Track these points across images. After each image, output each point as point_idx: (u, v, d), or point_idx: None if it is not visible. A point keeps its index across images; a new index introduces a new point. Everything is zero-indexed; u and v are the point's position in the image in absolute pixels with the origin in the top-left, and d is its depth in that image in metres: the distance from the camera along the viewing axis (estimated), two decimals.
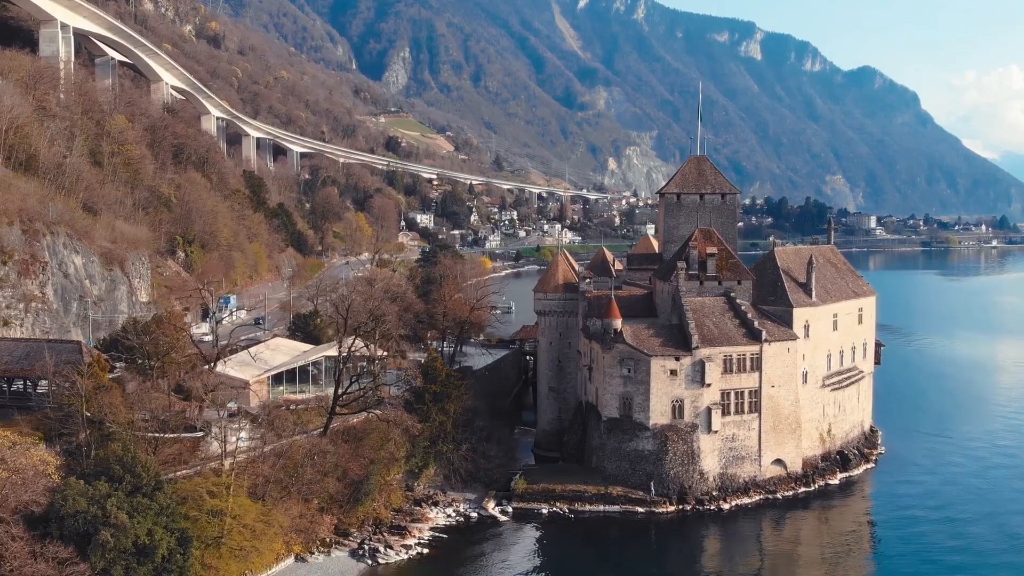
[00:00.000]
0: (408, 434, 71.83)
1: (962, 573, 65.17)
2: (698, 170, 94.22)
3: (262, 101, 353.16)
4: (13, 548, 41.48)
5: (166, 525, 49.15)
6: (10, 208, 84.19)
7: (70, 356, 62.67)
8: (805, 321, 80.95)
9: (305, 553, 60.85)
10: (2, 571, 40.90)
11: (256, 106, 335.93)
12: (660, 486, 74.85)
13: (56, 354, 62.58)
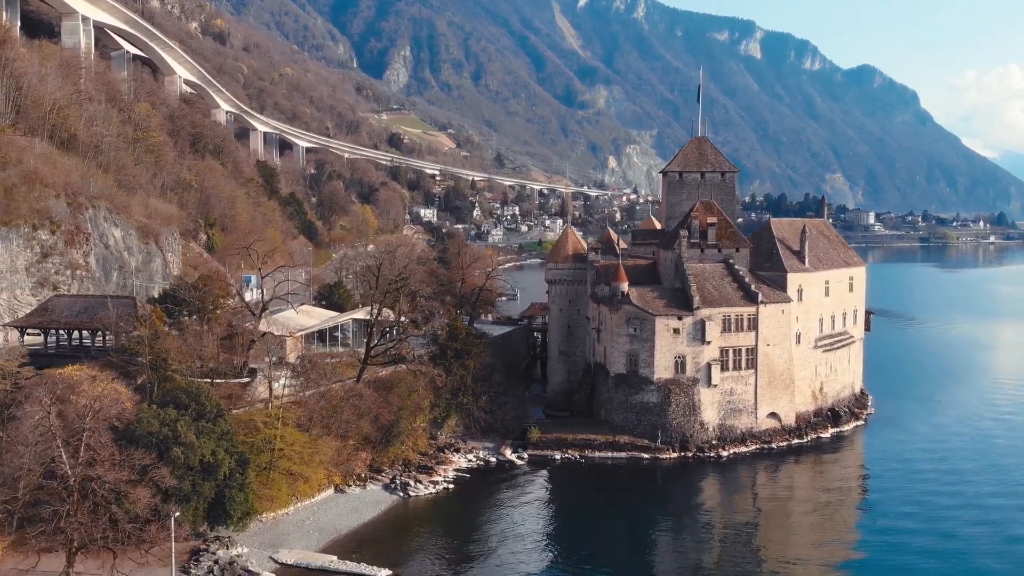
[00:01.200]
0: (432, 385, 78.11)
1: (953, 521, 67.19)
2: (699, 150, 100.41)
3: (267, 97, 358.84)
4: (103, 453, 47.53)
5: (227, 448, 55.31)
6: (56, 182, 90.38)
7: (126, 309, 68.87)
8: (798, 286, 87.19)
9: (343, 485, 67.17)
10: (95, 472, 46.92)
11: (262, 102, 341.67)
12: (664, 435, 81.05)
13: (114, 308, 68.84)
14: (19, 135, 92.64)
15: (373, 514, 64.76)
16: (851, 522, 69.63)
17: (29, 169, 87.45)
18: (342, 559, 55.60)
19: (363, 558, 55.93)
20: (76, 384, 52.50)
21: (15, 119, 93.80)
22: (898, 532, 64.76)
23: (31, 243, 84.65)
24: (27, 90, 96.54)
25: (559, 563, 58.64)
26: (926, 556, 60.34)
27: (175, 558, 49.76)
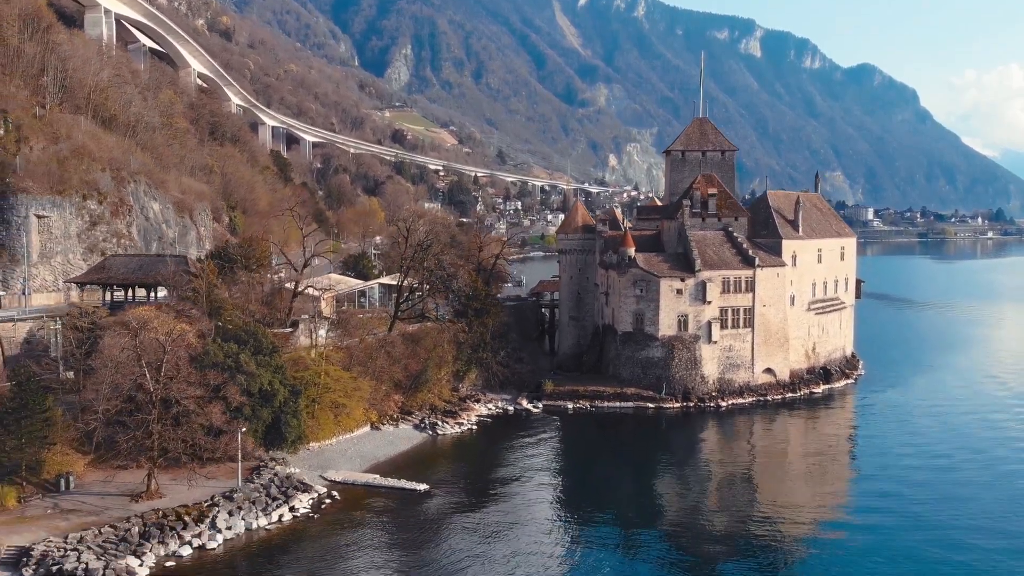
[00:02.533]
0: (455, 341, 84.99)
1: (940, 471, 69.37)
2: (700, 130, 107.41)
3: (274, 92, 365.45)
4: (182, 373, 54.42)
5: (281, 380, 62.15)
6: (102, 157, 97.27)
7: (180, 266, 75.71)
8: (793, 252, 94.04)
9: (379, 423, 74.20)
10: (175, 387, 53.89)
11: (268, 97, 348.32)
12: (667, 387, 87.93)
13: (160, 264, 75.81)
14: (66, 113, 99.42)
15: (406, 447, 71.78)
16: (842, 470, 73.51)
17: (78, 144, 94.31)
18: (383, 477, 62.55)
19: (402, 477, 62.82)
20: (148, 321, 59.29)
21: (62, 98, 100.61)
22: (886, 480, 66.70)
23: (81, 212, 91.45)
24: (72, 72, 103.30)
25: (570, 499, 63.35)
26: (915, 503, 61.21)
27: (241, 469, 56.64)
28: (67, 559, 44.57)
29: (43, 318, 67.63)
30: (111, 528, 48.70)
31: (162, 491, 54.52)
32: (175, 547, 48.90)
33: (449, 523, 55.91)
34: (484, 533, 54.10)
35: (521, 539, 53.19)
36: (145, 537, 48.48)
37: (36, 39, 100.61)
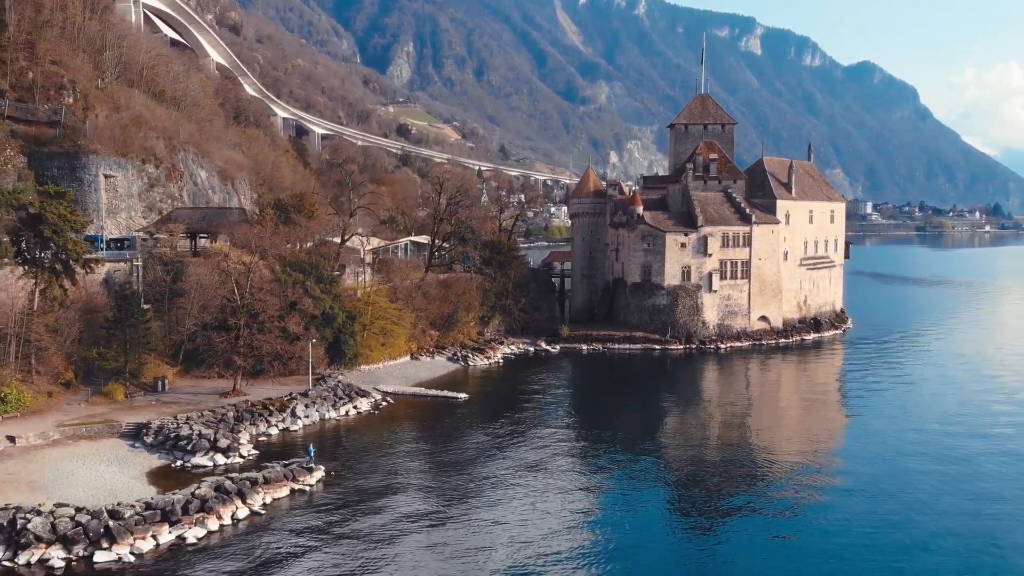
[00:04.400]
0: (481, 289, 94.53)
1: (924, 408, 72.90)
2: (702, 105, 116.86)
3: (282, 86, 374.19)
4: (265, 287, 63.98)
5: (340, 306, 71.70)
6: (156, 126, 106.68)
7: (240, 216, 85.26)
8: (786, 211, 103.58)
9: (417, 354, 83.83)
10: (260, 298, 63.45)
11: (277, 91, 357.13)
12: (672, 331, 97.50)
13: (225, 215, 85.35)
14: (123, 86, 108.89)
15: (442, 372, 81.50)
16: (831, 405, 78.79)
17: (136, 113, 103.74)
18: (428, 389, 72.22)
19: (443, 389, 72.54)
20: (227, 254, 68.83)
21: (119, 72, 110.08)
22: (873, 420, 68.75)
23: (141, 174, 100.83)
24: (126, 49, 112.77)
25: (583, 419, 69.70)
26: (902, 446, 61.88)
27: (311, 375, 66.23)
28: (181, 429, 54.06)
29: (127, 254, 76.86)
30: (210, 412, 58.21)
31: (245, 392, 64.06)
32: (264, 428, 58.49)
33: (483, 424, 64.97)
34: (511, 434, 61.98)
35: (540, 443, 59.83)
36: (239, 420, 57.96)
37: (96, 18, 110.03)
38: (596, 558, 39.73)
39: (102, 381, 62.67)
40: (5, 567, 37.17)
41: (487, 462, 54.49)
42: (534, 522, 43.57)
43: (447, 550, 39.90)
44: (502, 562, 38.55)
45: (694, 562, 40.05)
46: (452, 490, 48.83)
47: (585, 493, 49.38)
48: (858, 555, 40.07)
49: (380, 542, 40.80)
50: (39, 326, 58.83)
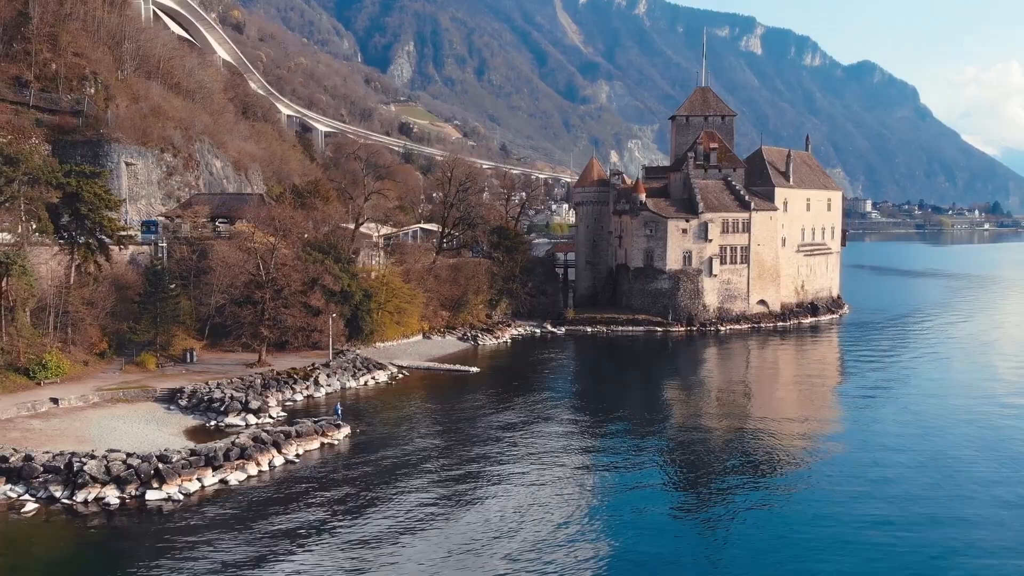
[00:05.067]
0: (489, 273, 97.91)
1: (918, 387, 74.47)
2: (703, 97, 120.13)
3: (285, 84, 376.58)
4: (289, 263, 67.39)
5: (357, 284, 75.09)
6: (174, 117, 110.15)
7: (259, 201, 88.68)
8: (784, 199, 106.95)
9: (429, 333, 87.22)
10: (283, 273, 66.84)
11: (280, 88, 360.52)
12: (674, 314, 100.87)
13: (244, 201, 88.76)
14: (141, 78, 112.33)
15: (453, 351, 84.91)
16: (827, 385, 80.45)
17: (155, 104, 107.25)
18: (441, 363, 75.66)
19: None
20: (250, 235, 72.24)
21: (137, 65, 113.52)
22: (867, 398, 70.14)
23: (160, 163, 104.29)
24: (143, 42, 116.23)
25: (588, 396, 72.22)
26: (893, 425, 62.32)
27: (332, 348, 69.64)
28: (213, 393, 57.48)
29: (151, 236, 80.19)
30: (239, 379, 61.61)
31: (270, 363, 67.45)
32: (290, 394, 61.91)
33: (493, 394, 68.09)
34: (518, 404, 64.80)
35: (546, 412, 62.49)
36: (266, 387, 61.35)
37: (115, 12, 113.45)
38: (593, 524, 40.48)
39: (133, 352, 66.08)
40: (64, 505, 40.59)
41: (496, 427, 57.73)
42: (538, 478, 46.32)
43: (459, 500, 42.93)
44: (504, 514, 40.84)
45: (693, 533, 40.35)
46: (463, 449, 52.15)
47: (586, 457, 51.61)
48: (855, 527, 40.04)
49: (400, 491, 44.05)
50: (76, 299, 62.25)
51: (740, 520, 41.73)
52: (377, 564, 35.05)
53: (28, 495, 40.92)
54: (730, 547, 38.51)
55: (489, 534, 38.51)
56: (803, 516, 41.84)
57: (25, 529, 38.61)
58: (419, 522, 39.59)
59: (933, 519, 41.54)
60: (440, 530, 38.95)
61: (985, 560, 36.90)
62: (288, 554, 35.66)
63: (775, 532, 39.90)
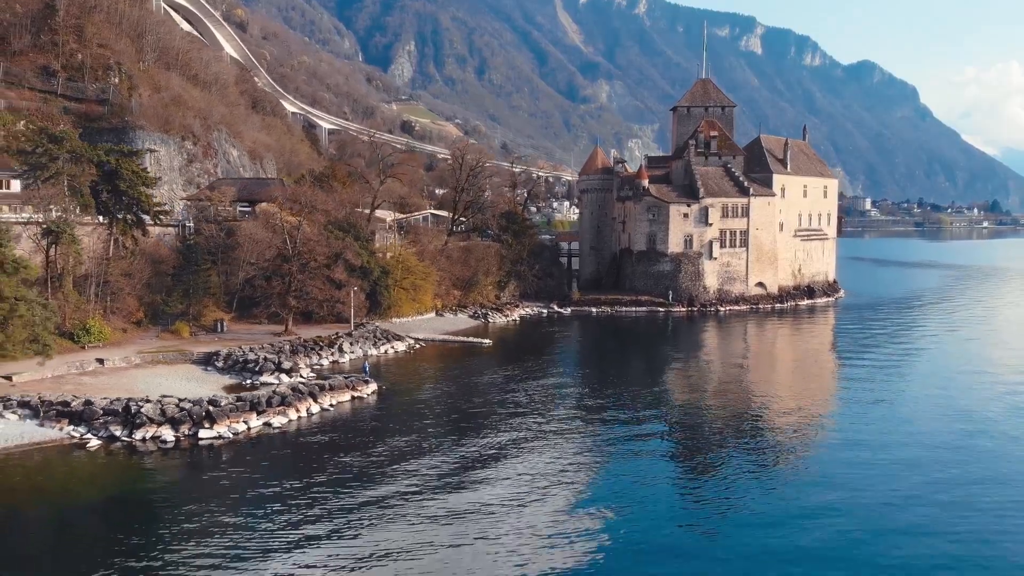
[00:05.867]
0: (498, 256, 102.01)
1: (913, 365, 77.52)
2: (703, 89, 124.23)
3: (289, 82, 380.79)
4: (313, 239, 71.42)
5: (375, 261, 79.15)
6: (193, 106, 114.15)
7: (279, 185, 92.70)
8: (782, 185, 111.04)
9: (442, 311, 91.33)
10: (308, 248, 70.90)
11: (284, 86, 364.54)
12: (675, 295, 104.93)
13: (267, 185, 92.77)
14: (162, 69, 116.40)
15: (465, 327, 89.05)
16: (823, 362, 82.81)
17: (175, 94, 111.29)
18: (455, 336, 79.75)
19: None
20: (274, 214, 76.30)
21: (158, 56, 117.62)
22: (861, 374, 71.20)
23: (181, 150, 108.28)
24: (163, 35, 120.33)
25: (592, 366, 76.09)
26: (888, 394, 63.36)
27: (353, 320, 73.69)
28: (247, 355, 61.54)
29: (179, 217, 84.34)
30: (269, 345, 65.68)
31: (296, 333, 71.50)
32: (316, 359, 65.97)
33: (504, 364, 71.98)
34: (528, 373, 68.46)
35: (554, 381, 65.99)
36: (294, 352, 65.42)
37: (136, 5, 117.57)
38: (592, 489, 40.79)
39: (167, 322, 70.13)
40: (124, 442, 44.64)
41: (507, 391, 61.42)
42: (543, 440, 48.98)
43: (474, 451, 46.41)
44: (508, 461, 43.97)
45: (691, 503, 39.91)
46: (478, 405, 56.20)
47: (588, 425, 52.88)
48: (851, 500, 39.37)
49: (423, 438, 48.02)
50: (115, 270, 66.31)
51: (737, 488, 40.92)
52: (400, 496, 38.37)
53: (90, 434, 44.98)
54: (732, 514, 37.74)
55: (496, 474, 42.10)
56: (801, 483, 41.15)
57: (89, 463, 42.64)
58: (438, 466, 43.02)
59: (942, 494, 39.89)
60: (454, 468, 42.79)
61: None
62: (323, 486, 39.42)
63: (772, 500, 39.04)
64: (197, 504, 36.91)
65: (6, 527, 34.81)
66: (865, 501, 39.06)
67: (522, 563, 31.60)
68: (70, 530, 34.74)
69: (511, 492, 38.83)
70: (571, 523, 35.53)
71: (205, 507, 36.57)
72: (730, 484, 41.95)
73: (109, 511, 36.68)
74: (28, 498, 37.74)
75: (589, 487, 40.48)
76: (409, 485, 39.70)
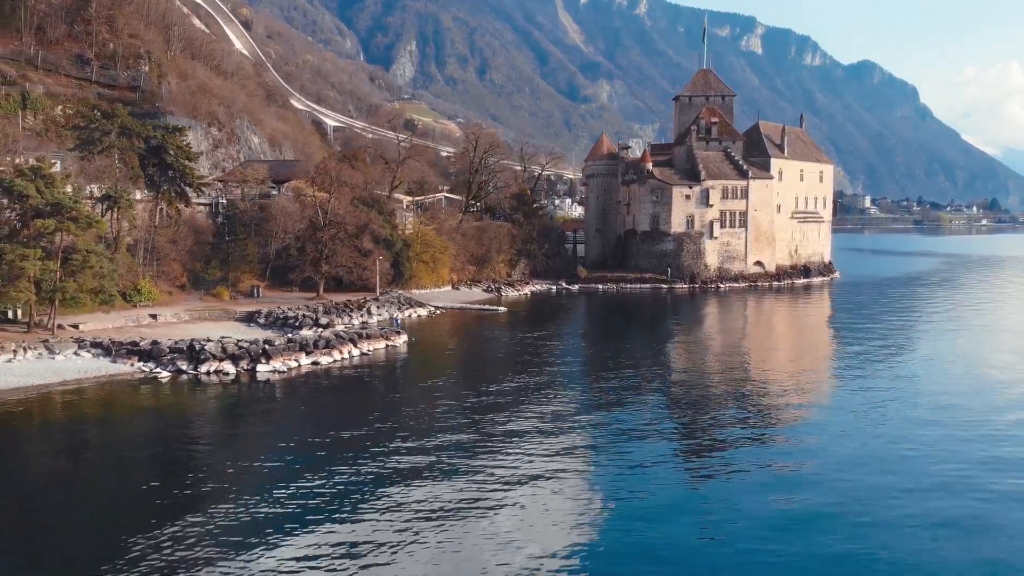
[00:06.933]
0: (510, 235, 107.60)
1: (906, 339, 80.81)
2: (704, 79, 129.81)
3: (294, 80, 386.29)
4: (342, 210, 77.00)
5: (397, 234, 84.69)
6: (217, 94, 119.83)
7: (304, 166, 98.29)
8: (779, 169, 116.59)
9: (457, 284, 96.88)
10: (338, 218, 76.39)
11: (290, 84, 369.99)
12: (678, 273, 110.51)
13: (293, 167, 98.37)
14: (187, 59, 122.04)
15: (480, 299, 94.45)
16: (820, 336, 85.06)
17: (201, 82, 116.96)
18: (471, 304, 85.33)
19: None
20: (303, 190, 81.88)
21: (184, 47, 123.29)
22: (855, 349, 71.20)
23: (207, 136, 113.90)
24: (187, 27, 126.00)
25: (596, 347, 75.68)
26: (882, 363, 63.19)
27: (379, 286, 79.25)
28: (286, 313, 67.08)
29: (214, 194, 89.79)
30: (305, 307, 71.21)
31: (327, 298, 77.05)
32: (348, 320, 71.50)
33: (518, 328, 77.37)
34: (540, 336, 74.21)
35: (565, 344, 72.49)
36: (327, 313, 70.94)
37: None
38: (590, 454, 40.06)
39: (207, 287, 75.66)
40: (190, 375, 50.18)
41: (520, 346, 67.00)
42: (551, 388, 53.50)
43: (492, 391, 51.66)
44: (522, 402, 48.11)
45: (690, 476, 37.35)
46: (496, 357, 62.02)
47: (590, 391, 53.47)
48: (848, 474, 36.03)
49: (447, 381, 53.76)
50: (162, 238, 71.84)
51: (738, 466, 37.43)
52: (429, 425, 43.07)
53: (159, 369, 50.52)
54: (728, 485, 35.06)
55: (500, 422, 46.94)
56: (798, 456, 38.60)
57: (160, 391, 48.16)
58: (459, 402, 47.65)
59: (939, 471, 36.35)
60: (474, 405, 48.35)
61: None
62: (362, 413, 44.11)
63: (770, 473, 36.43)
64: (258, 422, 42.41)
65: (92, 438, 40.39)
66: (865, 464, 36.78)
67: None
68: (139, 443, 40.21)
69: (523, 426, 42.59)
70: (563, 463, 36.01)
71: (263, 425, 42.06)
72: (726, 462, 37.79)
73: (176, 429, 41.73)
74: (108, 414, 43.38)
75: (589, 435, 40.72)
76: (436, 415, 44.40)
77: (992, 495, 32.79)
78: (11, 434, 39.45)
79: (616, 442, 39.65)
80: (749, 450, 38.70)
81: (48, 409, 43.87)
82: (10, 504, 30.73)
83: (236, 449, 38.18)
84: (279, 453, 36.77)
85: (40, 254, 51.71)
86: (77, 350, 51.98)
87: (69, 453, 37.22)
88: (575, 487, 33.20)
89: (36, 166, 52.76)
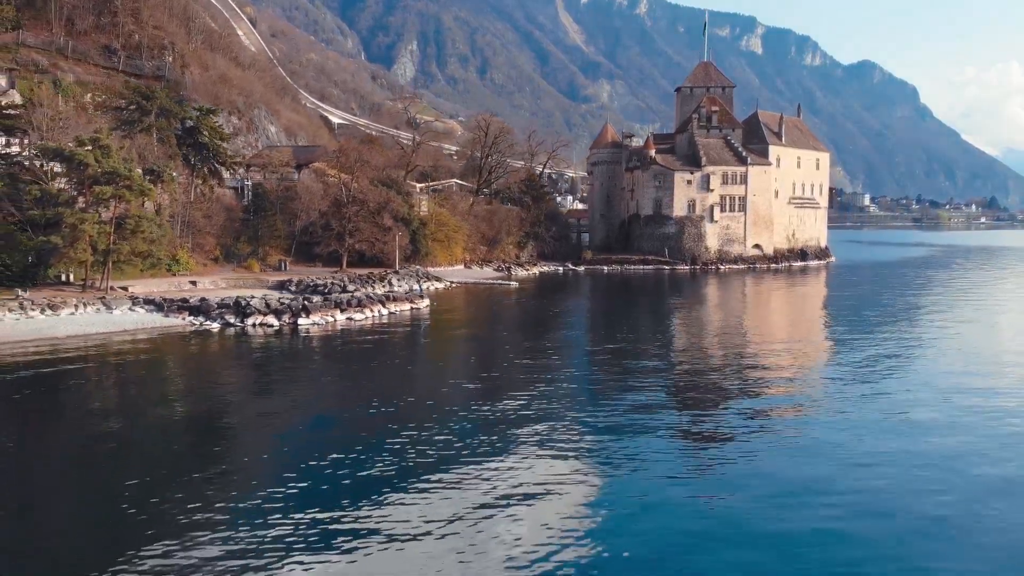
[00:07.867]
0: (518, 218, 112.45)
1: (900, 319, 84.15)
2: (705, 71, 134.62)
3: (298, 79, 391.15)
4: (365, 189, 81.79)
5: (414, 214, 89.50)
6: (236, 85, 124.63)
7: (324, 150, 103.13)
8: (777, 156, 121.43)
9: (469, 264, 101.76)
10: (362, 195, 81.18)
11: (295, 81, 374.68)
12: (679, 255, 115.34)
13: (314, 151, 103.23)
14: (207, 50, 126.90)
15: (489, 277, 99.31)
16: (815, 314, 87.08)
17: (221, 72, 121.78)
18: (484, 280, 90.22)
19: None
20: (326, 171, 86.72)
21: (204, 39, 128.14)
22: (850, 332, 72.25)
23: (228, 124, 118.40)
24: (205, 21, 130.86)
25: (600, 323, 78.17)
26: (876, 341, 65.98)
27: (398, 261, 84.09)
28: (315, 282, 71.95)
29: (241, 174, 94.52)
30: (330, 277, 76.04)
31: (350, 271, 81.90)
32: (371, 290, 76.29)
33: (530, 299, 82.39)
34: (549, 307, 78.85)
35: (573, 317, 77.46)
36: (352, 282, 75.79)
37: None
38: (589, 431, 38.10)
39: (239, 261, 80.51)
40: (237, 328, 55.01)
41: (532, 311, 72.31)
42: (560, 352, 59.92)
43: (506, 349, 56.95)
44: (533, 362, 53.89)
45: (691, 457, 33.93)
46: (510, 321, 66.75)
47: (592, 366, 58.99)
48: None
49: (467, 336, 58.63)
50: (197, 212, 76.66)
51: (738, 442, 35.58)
52: (450, 373, 48.51)
53: (208, 322, 55.35)
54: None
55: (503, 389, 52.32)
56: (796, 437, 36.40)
57: (209, 341, 52.96)
58: (476, 358, 53.33)
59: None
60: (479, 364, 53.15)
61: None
62: (391, 360, 48.84)
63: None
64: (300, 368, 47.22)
65: (148, 375, 45.23)
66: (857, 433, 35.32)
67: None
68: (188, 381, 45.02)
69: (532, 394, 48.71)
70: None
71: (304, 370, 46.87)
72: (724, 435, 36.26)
73: (223, 370, 46.26)
74: (162, 358, 48.21)
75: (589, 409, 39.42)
76: (456, 367, 49.76)
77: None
78: (77, 372, 44.20)
79: (619, 399, 39.35)
80: (757, 436, 34.34)
81: (107, 352, 48.64)
82: (75, 436, 33.46)
83: (273, 392, 42.01)
84: (313, 400, 39.41)
85: (97, 217, 56.51)
86: (132, 306, 56.82)
87: (126, 387, 41.67)
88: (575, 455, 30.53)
89: (94, 136, 57.51)
